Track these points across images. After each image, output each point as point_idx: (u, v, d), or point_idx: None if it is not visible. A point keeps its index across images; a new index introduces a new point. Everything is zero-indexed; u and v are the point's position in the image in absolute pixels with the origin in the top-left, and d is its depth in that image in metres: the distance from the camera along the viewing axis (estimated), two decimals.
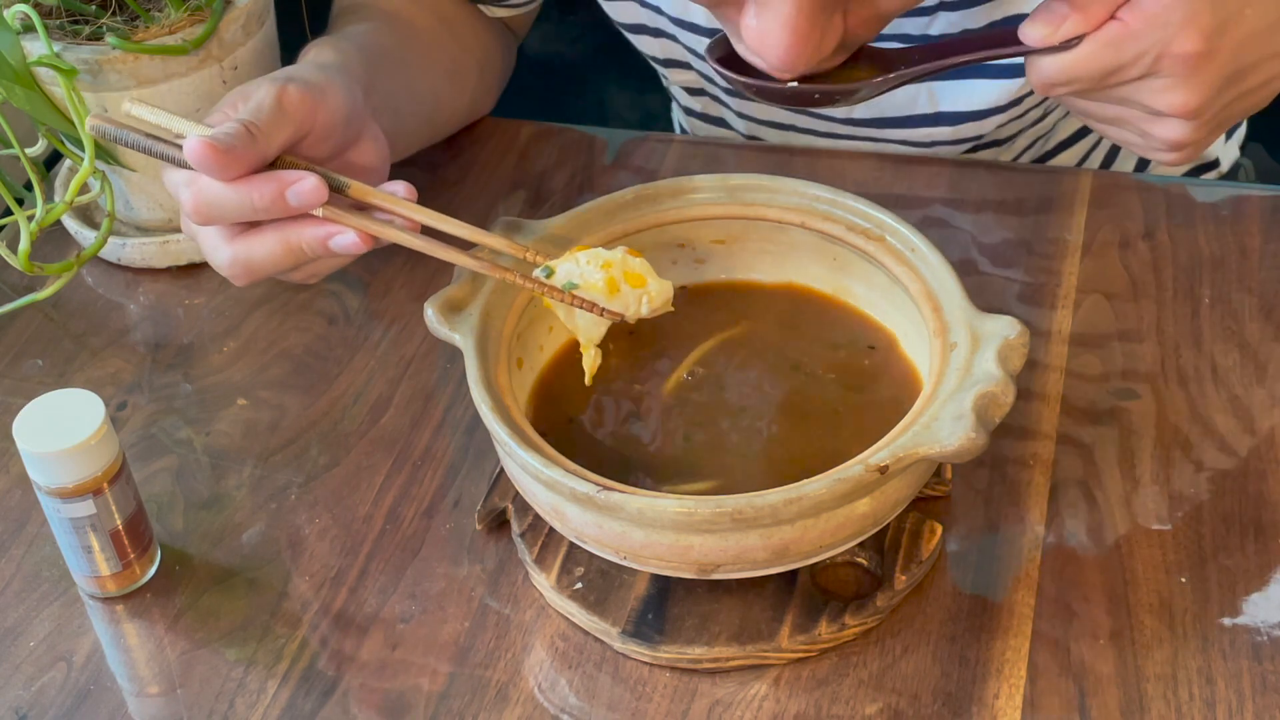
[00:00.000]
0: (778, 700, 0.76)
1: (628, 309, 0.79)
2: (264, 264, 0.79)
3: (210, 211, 0.78)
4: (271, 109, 0.78)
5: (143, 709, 0.79)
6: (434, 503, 0.87)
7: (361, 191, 0.79)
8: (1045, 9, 0.72)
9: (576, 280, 0.79)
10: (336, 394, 0.94)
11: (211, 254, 0.81)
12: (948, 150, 1.08)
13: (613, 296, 0.79)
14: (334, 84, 0.82)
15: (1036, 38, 0.72)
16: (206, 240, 0.81)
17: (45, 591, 0.84)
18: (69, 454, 0.78)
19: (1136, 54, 0.71)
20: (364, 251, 0.78)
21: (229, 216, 0.78)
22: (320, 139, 0.81)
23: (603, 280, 0.79)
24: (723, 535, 0.72)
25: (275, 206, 0.77)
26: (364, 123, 0.84)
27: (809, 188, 0.86)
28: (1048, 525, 0.82)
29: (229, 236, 0.79)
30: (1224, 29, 0.71)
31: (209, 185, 0.77)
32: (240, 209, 0.77)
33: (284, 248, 0.78)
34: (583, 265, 0.79)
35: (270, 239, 0.78)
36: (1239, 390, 0.89)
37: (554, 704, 0.77)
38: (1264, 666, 0.76)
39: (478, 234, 0.80)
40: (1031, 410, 0.88)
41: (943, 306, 0.79)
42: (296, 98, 0.79)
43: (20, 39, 0.92)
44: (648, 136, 1.11)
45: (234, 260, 0.80)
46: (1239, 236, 0.98)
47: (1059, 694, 0.75)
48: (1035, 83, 0.74)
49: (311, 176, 0.77)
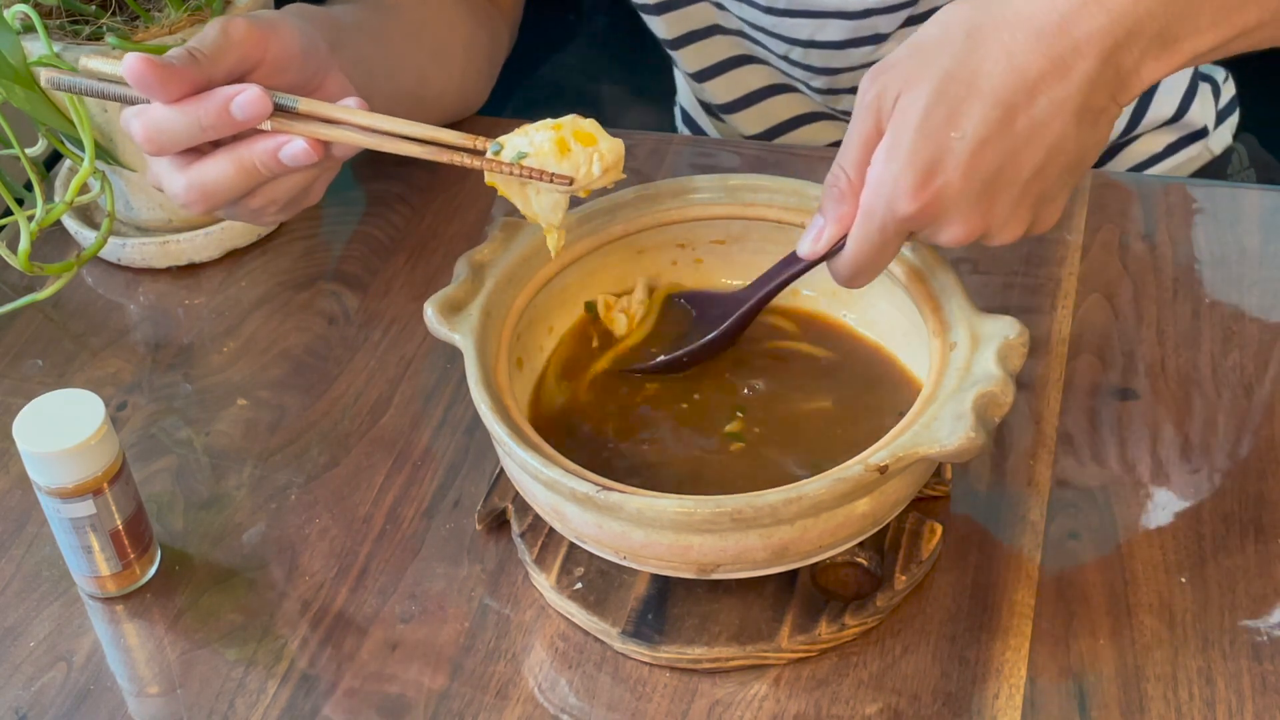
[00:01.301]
0: (778, 700, 0.76)
1: (578, 169, 0.77)
2: (219, 187, 0.79)
3: (160, 137, 0.78)
4: (215, 37, 0.78)
5: (143, 709, 0.79)
6: (434, 503, 0.87)
7: (311, 106, 0.79)
8: (810, 227, 0.78)
9: (526, 149, 0.77)
10: (336, 394, 0.94)
11: (168, 184, 0.80)
12: (887, 21, 1.07)
13: (563, 158, 0.77)
14: (286, 22, 0.82)
15: (807, 253, 0.78)
16: (162, 172, 0.80)
17: (45, 591, 0.84)
18: (69, 454, 0.78)
19: (879, 229, 0.74)
20: (316, 160, 0.78)
21: (179, 140, 0.78)
22: (271, 72, 0.80)
23: (552, 142, 0.77)
24: (723, 535, 0.72)
25: (221, 122, 0.77)
26: (327, 66, 0.84)
27: (809, 188, 0.86)
28: (1048, 525, 0.82)
29: (182, 164, 0.79)
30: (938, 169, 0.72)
31: (156, 110, 0.77)
32: (188, 130, 0.77)
33: (236, 166, 0.78)
34: (531, 135, 0.78)
35: (222, 160, 0.78)
36: (1239, 390, 0.89)
37: (554, 704, 0.77)
38: (1264, 666, 0.76)
39: (429, 130, 0.79)
40: (1031, 410, 0.88)
41: (942, 306, 0.79)
42: (243, 27, 0.79)
43: (20, 39, 0.92)
44: (648, 136, 1.11)
45: (189, 186, 0.79)
46: (1239, 236, 0.98)
47: (1059, 694, 0.75)
48: (839, 282, 0.79)
49: (253, 87, 0.77)
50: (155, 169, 0.81)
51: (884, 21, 1.08)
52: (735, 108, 1.20)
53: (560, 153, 0.77)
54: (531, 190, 0.78)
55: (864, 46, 1.10)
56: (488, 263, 0.83)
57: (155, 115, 0.77)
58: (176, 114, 0.77)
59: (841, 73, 1.12)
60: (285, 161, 0.78)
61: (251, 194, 0.80)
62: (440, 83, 1.06)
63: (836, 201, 0.76)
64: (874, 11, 1.07)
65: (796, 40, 1.10)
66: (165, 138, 0.78)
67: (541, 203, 0.79)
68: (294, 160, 0.77)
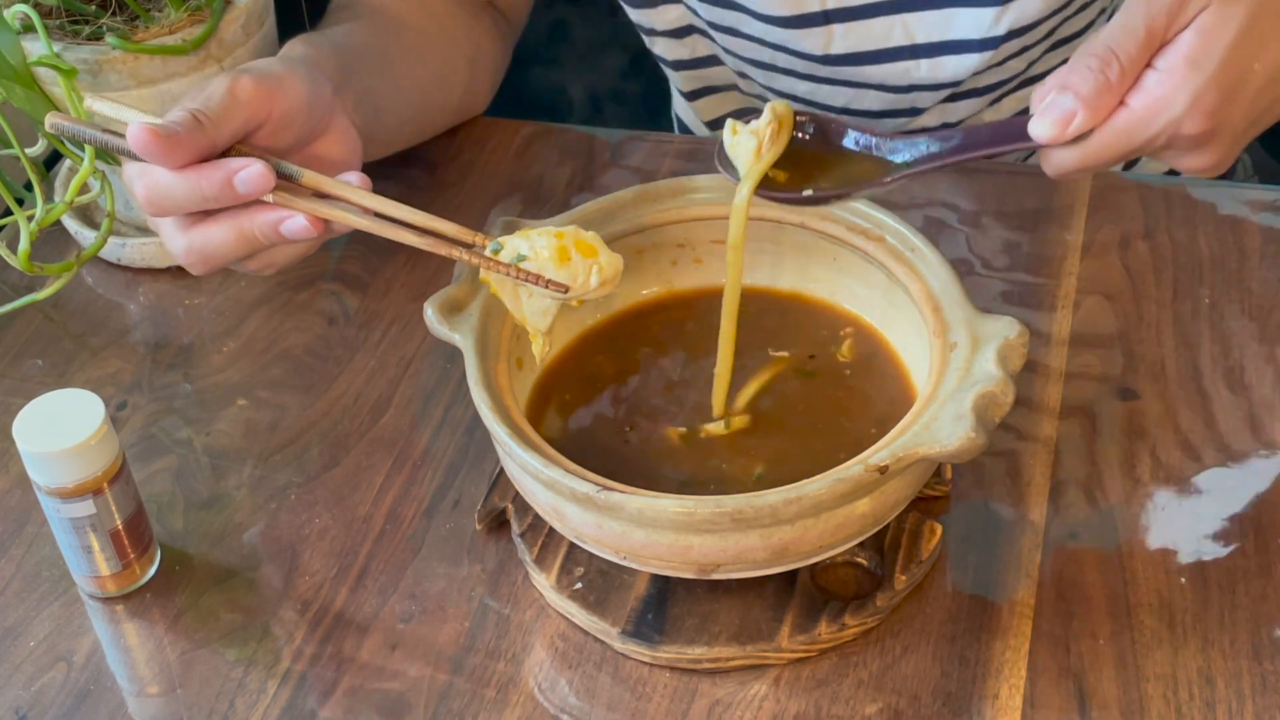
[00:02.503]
0: (778, 700, 0.76)
1: (575, 279, 0.78)
2: (218, 252, 0.79)
3: (162, 201, 0.78)
4: (222, 98, 0.78)
5: (143, 709, 0.79)
6: (434, 503, 0.87)
7: (314, 180, 0.79)
8: (1053, 106, 0.71)
9: (525, 252, 0.78)
10: (336, 394, 0.94)
11: (169, 243, 0.81)
12: (928, 97, 1.08)
13: (562, 266, 0.77)
14: (294, 74, 0.82)
15: (1046, 137, 0.71)
16: (163, 230, 0.81)
17: (45, 591, 0.84)
18: (69, 454, 0.78)
19: (1148, 138, 0.71)
20: (315, 236, 0.78)
21: (180, 205, 0.78)
22: (278, 129, 0.80)
23: (552, 249, 0.77)
24: (723, 535, 0.72)
25: (223, 194, 0.77)
26: (331, 115, 0.84)
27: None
28: (1048, 525, 0.82)
29: (184, 226, 0.80)
30: (1232, 96, 0.71)
31: (159, 175, 0.77)
32: (190, 197, 0.77)
33: (237, 235, 0.78)
34: (533, 239, 0.78)
35: (223, 227, 0.78)
36: (1239, 390, 0.89)
37: (554, 704, 0.77)
38: (1264, 666, 0.76)
39: (428, 219, 0.79)
40: (1031, 410, 0.88)
41: (942, 307, 0.79)
42: (249, 86, 0.79)
43: (20, 39, 0.92)
44: (648, 136, 1.11)
45: (189, 249, 0.80)
46: (1239, 236, 0.98)
47: (1059, 694, 0.75)
48: (1049, 171, 0.74)
49: (258, 162, 0.77)
50: (156, 225, 0.82)
51: (925, 97, 1.08)
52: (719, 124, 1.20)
53: (560, 260, 0.77)
54: (524, 292, 0.79)
55: (899, 118, 1.10)
56: None
57: (158, 180, 0.77)
58: (179, 181, 0.77)
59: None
60: (286, 235, 0.78)
61: (251, 258, 0.81)
62: (443, 100, 1.07)
63: (1101, 91, 0.70)
64: (918, 88, 1.07)
65: (830, 108, 1.10)
66: (167, 203, 0.78)
67: (533, 306, 0.80)
68: (294, 235, 0.78)
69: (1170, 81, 0.70)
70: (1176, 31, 0.70)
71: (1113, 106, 0.71)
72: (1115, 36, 0.70)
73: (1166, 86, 0.70)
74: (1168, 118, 0.70)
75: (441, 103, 1.07)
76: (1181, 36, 0.70)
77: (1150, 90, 0.70)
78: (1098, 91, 0.70)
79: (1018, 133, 0.73)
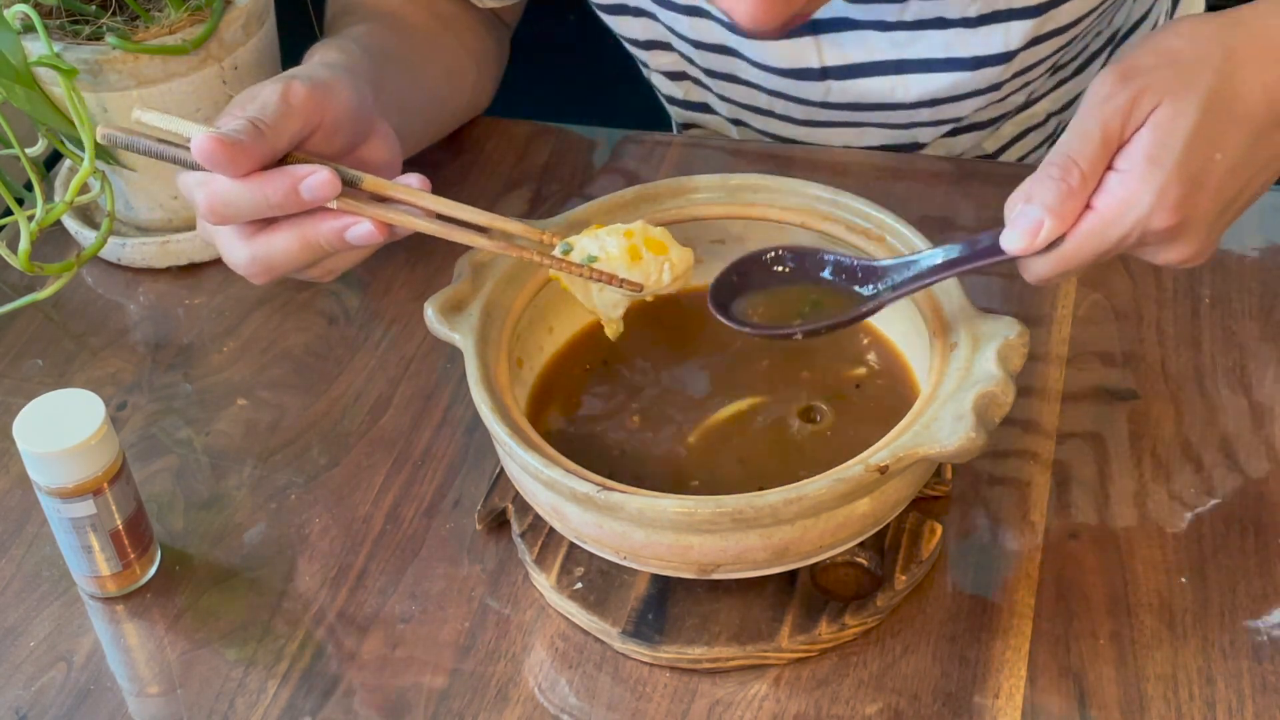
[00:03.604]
0: (778, 700, 0.76)
1: (648, 277, 0.79)
2: (282, 261, 0.79)
3: (225, 210, 0.78)
4: (277, 105, 0.78)
5: (143, 709, 0.79)
6: (434, 503, 0.87)
7: (375, 184, 0.79)
8: (1021, 217, 0.72)
9: (596, 253, 0.79)
10: (336, 394, 0.94)
11: (229, 254, 0.81)
12: (929, 133, 1.08)
13: (634, 265, 0.79)
14: (341, 80, 0.82)
15: (1018, 248, 0.72)
16: (223, 240, 0.81)
17: (45, 591, 0.84)
18: (69, 454, 0.78)
19: (1119, 237, 0.71)
20: (381, 241, 0.78)
21: (244, 214, 0.78)
22: (329, 135, 0.81)
23: (623, 249, 0.79)
24: (723, 535, 0.72)
25: (289, 201, 0.77)
26: (373, 120, 0.84)
27: (809, 188, 0.86)
28: (1048, 525, 0.82)
29: (246, 235, 0.79)
30: (1197, 187, 0.71)
31: (222, 184, 0.77)
32: (254, 206, 0.77)
33: (301, 243, 0.78)
34: (602, 239, 0.79)
35: (287, 235, 0.78)
36: (1239, 390, 0.89)
37: (554, 704, 0.77)
38: (1264, 666, 0.76)
39: (494, 219, 0.80)
40: (1031, 410, 0.88)
41: (943, 307, 0.79)
42: (302, 93, 0.79)
43: (20, 39, 0.92)
44: (648, 136, 1.11)
45: (253, 259, 0.80)
46: (1239, 236, 0.98)
47: (1059, 694, 0.75)
48: (1030, 279, 0.74)
49: (324, 169, 0.77)
50: (213, 235, 0.81)
51: (926, 133, 1.08)
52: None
53: (631, 260, 0.79)
54: (595, 286, 0.80)
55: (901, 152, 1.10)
56: (488, 262, 0.83)
57: (221, 189, 0.77)
58: (243, 189, 0.77)
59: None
60: (351, 242, 0.78)
61: (313, 265, 0.81)
62: (454, 100, 1.07)
63: (1065, 198, 0.71)
64: (919, 125, 1.07)
65: (830, 147, 1.10)
66: (230, 211, 0.78)
67: (604, 299, 0.81)
68: (359, 241, 0.78)
69: (1131, 181, 0.70)
70: (1132, 131, 0.71)
71: (1078, 211, 0.71)
72: (1073, 144, 0.71)
73: (1129, 186, 0.70)
74: (1135, 216, 0.70)
75: (453, 103, 1.07)
76: (1138, 135, 0.71)
77: (1113, 191, 0.71)
78: (1061, 199, 0.71)
79: (993, 249, 0.74)
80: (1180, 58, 0.72)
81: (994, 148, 1.13)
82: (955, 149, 1.11)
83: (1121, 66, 0.72)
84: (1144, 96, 0.71)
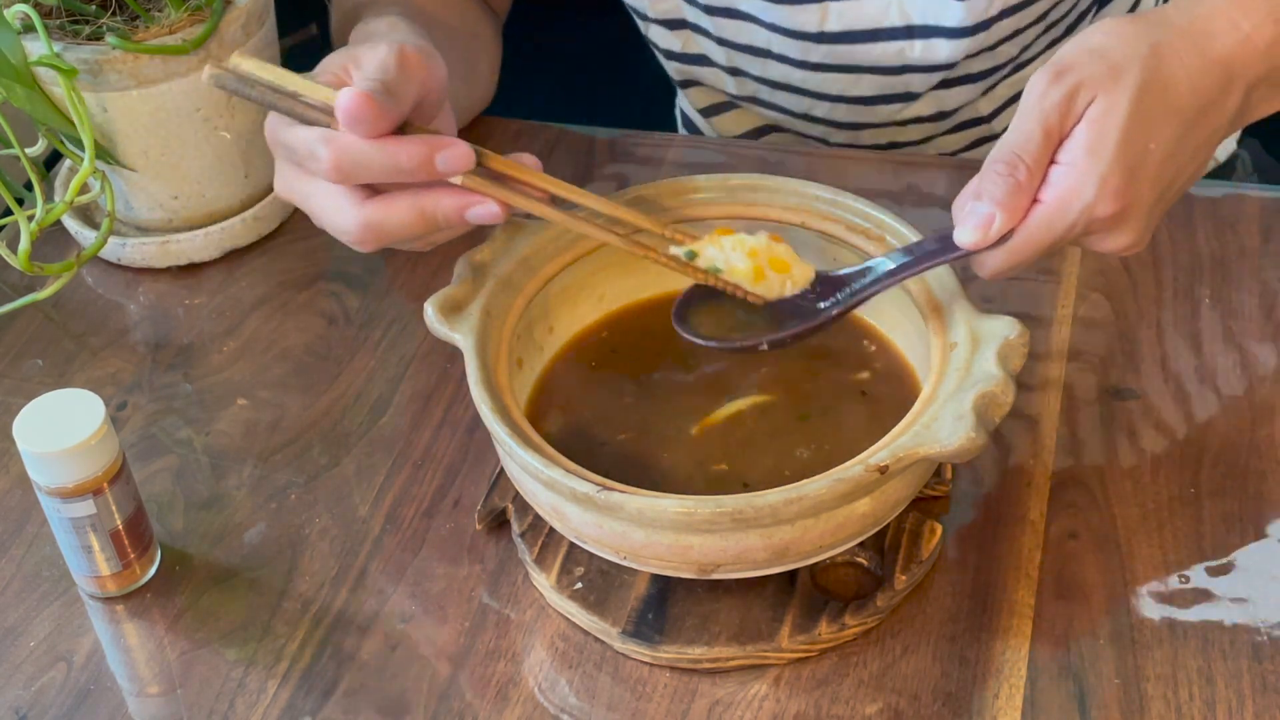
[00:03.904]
0: (778, 700, 0.76)
1: (771, 291, 0.80)
2: (396, 230, 0.78)
3: (353, 169, 0.76)
4: (396, 68, 0.77)
5: (143, 709, 0.79)
6: (434, 503, 0.87)
7: (497, 162, 0.78)
8: (971, 214, 0.75)
9: (721, 266, 0.80)
10: (336, 394, 0.94)
11: (335, 216, 0.78)
12: (922, 80, 1.08)
13: (758, 283, 0.80)
14: (433, 50, 0.81)
15: (972, 243, 0.75)
16: (330, 202, 0.78)
17: (45, 591, 0.84)
18: (69, 454, 0.78)
19: (1066, 227, 0.74)
20: (501, 222, 0.77)
21: (371, 175, 0.76)
22: (432, 106, 0.80)
23: (749, 268, 0.79)
24: (723, 535, 0.72)
25: (421, 169, 0.75)
26: (445, 95, 0.83)
27: (809, 188, 0.86)
28: (1048, 525, 0.82)
29: (360, 199, 0.78)
30: (1135, 175, 0.74)
31: (353, 142, 0.75)
32: (385, 169, 0.75)
33: (418, 215, 0.77)
34: (727, 251, 0.80)
35: (405, 205, 0.77)
36: (1239, 390, 0.89)
37: (554, 704, 0.77)
38: (1264, 666, 0.76)
39: (608, 205, 0.79)
40: (1031, 410, 0.88)
41: (943, 306, 0.79)
42: (415, 59, 0.78)
43: (20, 39, 0.92)
44: (648, 136, 1.11)
45: (365, 223, 0.77)
46: (1239, 236, 0.98)
47: (1059, 694, 0.75)
48: (983, 275, 0.77)
49: (462, 143, 0.76)
50: (313, 191, 0.79)
51: (918, 80, 1.08)
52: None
53: (756, 279, 0.80)
54: None
55: (893, 104, 1.10)
56: (488, 263, 0.83)
57: (350, 146, 0.75)
58: (375, 150, 0.75)
59: (864, 129, 1.12)
60: (471, 221, 0.77)
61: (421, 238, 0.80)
62: (470, 93, 1.07)
63: (1013, 192, 0.74)
64: (911, 69, 1.07)
65: (825, 95, 1.10)
66: (359, 170, 0.76)
67: None
68: (481, 221, 0.77)
69: (1075, 172, 0.74)
70: (1071, 126, 0.74)
71: (1027, 206, 0.74)
72: (1016, 141, 0.74)
73: (1072, 177, 0.74)
74: (1080, 205, 0.74)
75: (468, 95, 1.07)
76: (1077, 130, 0.74)
77: (1058, 184, 0.74)
78: (1010, 193, 0.74)
79: (947, 245, 0.76)
80: (1110, 55, 0.75)
81: (989, 109, 1.12)
82: (948, 103, 1.11)
83: (1055, 66, 0.75)
84: (1079, 92, 0.74)
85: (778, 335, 0.79)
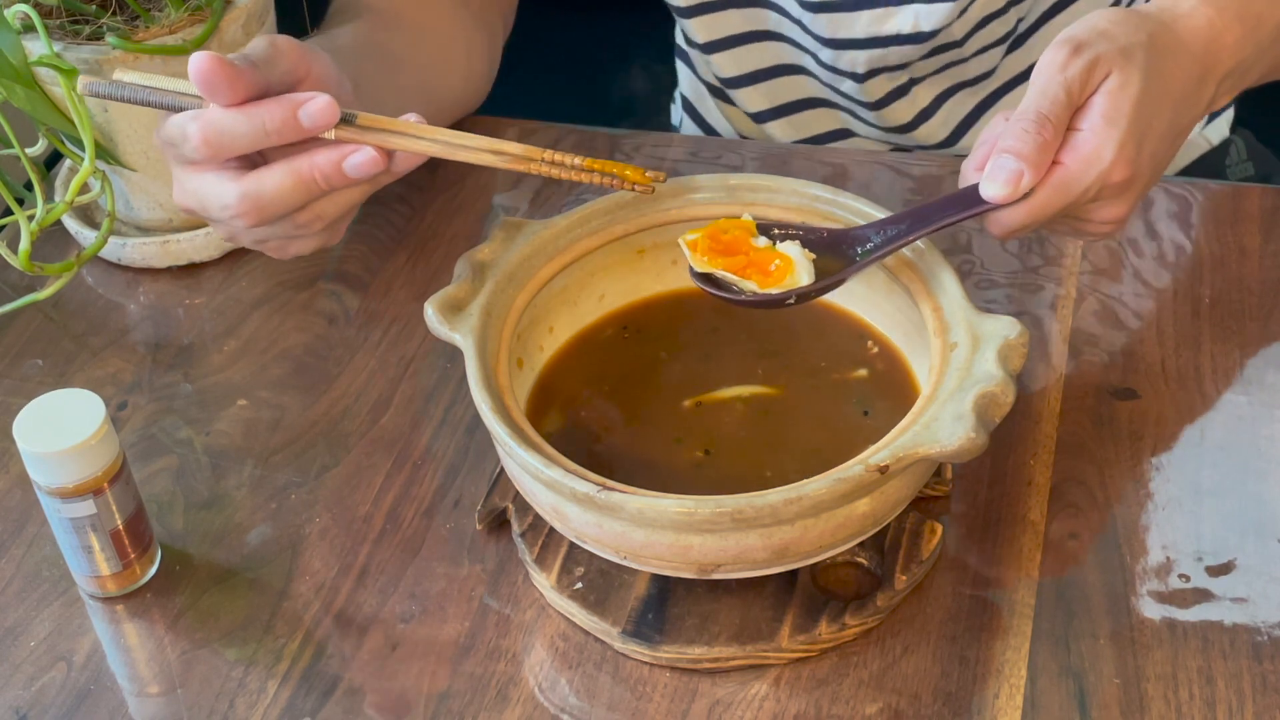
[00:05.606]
0: (778, 700, 0.76)
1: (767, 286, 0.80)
2: (274, 199, 0.77)
3: (220, 139, 0.76)
4: (265, 47, 0.78)
5: (143, 709, 0.79)
6: (434, 503, 0.87)
7: (372, 120, 0.77)
8: (999, 169, 0.77)
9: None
10: (336, 394, 0.94)
11: (217, 198, 0.78)
12: (910, 51, 1.08)
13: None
14: (321, 53, 0.81)
15: (1001, 196, 0.77)
16: (210, 184, 0.78)
17: (45, 591, 0.84)
18: (69, 454, 0.78)
19: (1084, 189, 0.78)
20: (380, 171, 0.76)
21: (239, 143, 0.76)
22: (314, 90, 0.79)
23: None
24: (723, 535, 0.72)
25: (287, 128, 0.75)
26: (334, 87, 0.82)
27: (809, 188, 0.86)
28: (1048, 525, 0.82)
29: (235, 173, 0.77)
30: (1142, 147, 0.79)
31: (216, 113, 0.76)
32: (251, 134, 0.75)
33: (295, 179, 0.76)
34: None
35: (280, 171, 0.76)
36: (1239, 390, 0.89)
37: (554, 704, 0.77)
38: (1264, 666, 0.76)
39: (495, 143, 0.79)
40: (1031, 410, 0.88)
41: (943, 306, 0.79)
42: (286, 44, 0.79)
43: (21, 39, 0.92)
44: (648, 136, 1.11)
45: (243, 197, 0.77)
46: (1239, 236, 0.98)
47: (1059, 694, 0.75)
48: (997, 232, 0.79)
49: (323, 95, 0.75)
50: (196, 182, 0.79)
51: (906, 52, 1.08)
52: (742, 83, 1.19)
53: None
54: None
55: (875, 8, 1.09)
56: (488, 262, 0.83)
57: (215, 118, 0.76)
58: (239, 117, 0.75)
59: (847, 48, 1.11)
60: (349, 173, 0.76)
61: (303, 209, 0.78)
62: (441, 94, 1.06)
63: (1041, 150, 0.77)
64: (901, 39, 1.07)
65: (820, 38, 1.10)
66: (226, 140, 0.76)
67: None
68: (358, 171, 0.76)
69: (1096, 137, 0.77)
70: (1088, 96, 0.78)
71: (1048, 164, 0.77)
72: (1040, 103, 0.77)
73: (1093, 142, 0.77)
74: (1099, 169, 0.77)
75: (442, 96, 1.07)
76: (1093, 100, 0.78)
77: (1080, 146, 0.77)
78: (1037, 150, 0.77)
79: (971, 199, 0.78)
80: (1119, 38, 0.79)
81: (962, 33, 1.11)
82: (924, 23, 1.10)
83: (1071, 41, 0.78)
84: (1097, 65, 0.78)
85: (806, 289, 0.79)
